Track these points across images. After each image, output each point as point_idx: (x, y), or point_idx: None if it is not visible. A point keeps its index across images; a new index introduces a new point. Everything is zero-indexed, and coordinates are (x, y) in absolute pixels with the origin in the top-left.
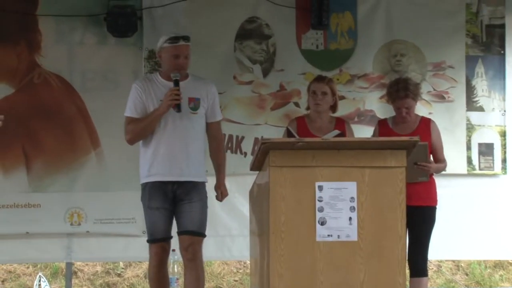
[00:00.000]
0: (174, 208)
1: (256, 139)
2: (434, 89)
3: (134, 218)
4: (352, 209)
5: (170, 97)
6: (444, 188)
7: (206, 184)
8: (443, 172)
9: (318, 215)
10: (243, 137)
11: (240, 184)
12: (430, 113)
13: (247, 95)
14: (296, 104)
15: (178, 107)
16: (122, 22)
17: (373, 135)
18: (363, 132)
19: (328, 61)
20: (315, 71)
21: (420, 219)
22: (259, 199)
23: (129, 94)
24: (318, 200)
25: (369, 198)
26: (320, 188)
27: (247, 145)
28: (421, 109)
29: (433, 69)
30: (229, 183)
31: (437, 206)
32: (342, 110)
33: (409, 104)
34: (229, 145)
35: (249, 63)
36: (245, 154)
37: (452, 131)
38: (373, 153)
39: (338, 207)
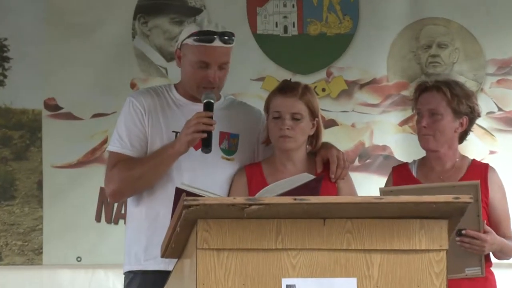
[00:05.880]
0: None
1: None
2: (500, 109)
3: None
4: None
5: (195, 126)
6: None
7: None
8: None
9: None
10: None
11: None
12: (492, 152)
13: None
14: None
15: (206, 144)
16: None
17: None
18: (370, 184)
19: (307, 56)
20: (281, 74)
21: None
22: None
23: (120, 115)
24: None
25: None
26: None
27: None
28: (476, 144)
29: (497, 71)
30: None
31: None
32: None
33: (438, 105)
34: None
35: (161, 59)
36: None
37: None
38: (387, 224)
39: None
